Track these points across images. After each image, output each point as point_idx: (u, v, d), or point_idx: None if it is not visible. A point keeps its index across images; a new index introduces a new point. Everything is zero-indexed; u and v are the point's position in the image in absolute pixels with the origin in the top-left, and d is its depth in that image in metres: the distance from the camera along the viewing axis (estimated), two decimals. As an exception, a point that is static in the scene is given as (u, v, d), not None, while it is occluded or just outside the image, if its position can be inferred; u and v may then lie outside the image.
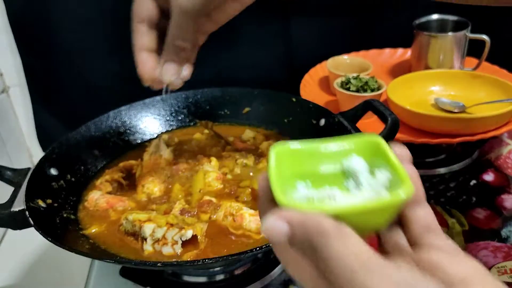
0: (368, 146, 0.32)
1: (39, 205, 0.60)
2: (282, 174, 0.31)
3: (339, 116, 0.69)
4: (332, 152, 0.33)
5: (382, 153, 0.31)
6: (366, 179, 0.31)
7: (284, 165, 0.32)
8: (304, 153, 0.33)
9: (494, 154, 0.86)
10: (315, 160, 0.33)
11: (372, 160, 0.32)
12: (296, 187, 0.31)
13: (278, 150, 0.32)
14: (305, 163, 0.33)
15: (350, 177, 0.32)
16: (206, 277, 0.63)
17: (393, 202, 0.28)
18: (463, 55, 0.92)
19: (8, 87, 0.92)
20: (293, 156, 0.32)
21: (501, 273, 0.62)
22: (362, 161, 0.32)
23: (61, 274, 0.70)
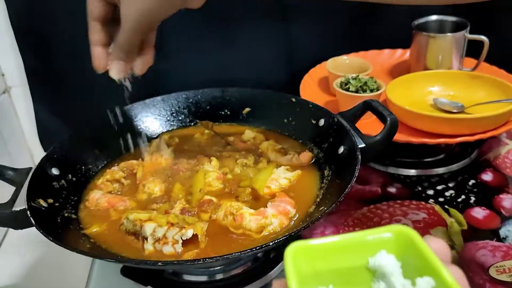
0: (400, 241, 0.27)
1: (41, 204, 0.60)
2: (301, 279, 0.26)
3: (339, 116, 0.70)
4: (356, 248, 0.28)
5: (418, 251, 0.26)
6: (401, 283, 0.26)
7: (302, 267, 0.27)
8: (325, 250, 0.28)
9: (492, 154, 0.86)
10: (336, 258, 0.28)
11: (405, 259, 0.27)
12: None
13: (295, 250, 0.27)
14: (326, 263, 0.28)
15: (380, 279, 0.27)
16: (206, 276, 0.64)
17: None
18: (462, 56, 0.93)
19: (9, 87, 0.92)
20: (312, 255, 0.28)
21: (499, 272, 0.62)
22: (393, 259, 0.27)
23: (62, 273, 0.71)
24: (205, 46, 0.96)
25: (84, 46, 0.89)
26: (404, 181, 0.81)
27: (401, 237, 0.27)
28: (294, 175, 0.68)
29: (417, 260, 0.26)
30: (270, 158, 0.73)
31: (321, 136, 0.73)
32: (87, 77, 0.92)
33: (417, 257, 0.26)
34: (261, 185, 0.65)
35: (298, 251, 0.27)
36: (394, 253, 0.27)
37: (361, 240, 0.28)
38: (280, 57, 0.99)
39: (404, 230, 0.27)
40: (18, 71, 0.90)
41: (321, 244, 0.28)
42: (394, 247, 0.27)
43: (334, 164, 0.67)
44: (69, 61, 0.90)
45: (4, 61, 0.90)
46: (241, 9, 0.91)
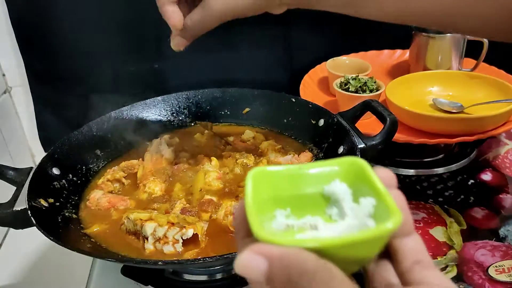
0: (351, 170, 0.30)
1: (41, 204, 0.60)
2: (260, 201, 0.28)
3: (338, 116, 0.70)
4: (313, 177, 0.30)
5: (366, 177, 0.29)
6: (350, 206, 0.28)
7: (262, 191, 0.29)
8: (284, 177, 0.30)
9: (492, 154, 0.86)
10: (295, 186, 0.30)
11: (356, 186, 0.29)
12: (275, 216, 0.29)
13: (255, 174, 0.29)
14: (285, 189, 0.30)
15: (333, 204, 0.30)
16: (206, 276, 0.64)
17: (380, 234, 0.25)
18: (461, 56, 0.93)
19: (10, 87, 0.92)
20: (272, 181, 0.30)
21: (499, 272, 0.62)
22: (345, 186, 0.29)
23: (63, 273, 0.71)
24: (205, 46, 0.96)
25: (85, 46, 0.90)
26: (403, 181, 0.82)
27: (353, 167, 0.30)
28: (294, 175, 0.68)
29: (365, 186, 0.28)
30: (270, 158, 0.73)
31: (320, 136, 0.73)
32: (87, 77, 0.93)
33: (365, 184, 0.29)
34: (261, 185, 0.65)
35: (259, 176, 0.29)
36: (347, 181, 0.30)
37: (317, 170, 0.30)
38: (280, 57, 1.00)
39: (355, 160, 0.30)
40: (19, 71, 0.90)
41: (281, 170, 0.30)
42: (347, 176, 0.30)
43: (334, 164, 0.67)
44: (70, 61, 0.90)
45: (4, 61, 0.90)
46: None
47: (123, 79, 0.94)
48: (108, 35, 0.90)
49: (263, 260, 0.24)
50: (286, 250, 0.24)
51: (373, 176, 0.28)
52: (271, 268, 0.24)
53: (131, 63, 0.94)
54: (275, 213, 0.29)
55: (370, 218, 0.27)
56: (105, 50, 0.91)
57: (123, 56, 0.92)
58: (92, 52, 0.90)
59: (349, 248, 0.25)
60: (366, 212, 0.27)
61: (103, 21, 0.88)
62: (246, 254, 0.24)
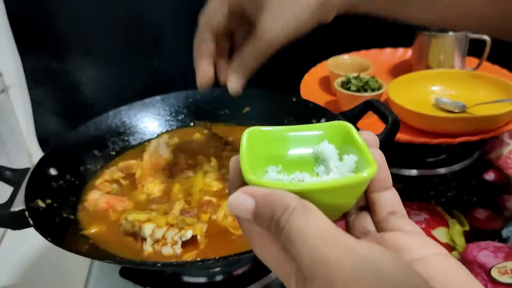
0: (339, 133, 0.33)
1: (39, 205, 0.59)
2: (254, 157, 0.31)
3: (340, 116, 0.69)
4: (304, 138, 0.33)
5: (351, 139, 0.32)
6: (335, 164, 0.31)
7: (256, 148, 0.32)
8: (276, 137, 0.33)
9: (495, 154, 0.86)
10: (286, 145, 0.33)
11: (342, 146, 0.32)
12: (267, 171, 0.32)
13: (250, 132, 0.33)
14: (277, 148, 0.33)
15: (321, 163, 0.33)
16: (206, 278, 0.63)
17: (357, 180, 0.28)
18: (464, 55, 0.92)
19: (7, 87, 0.92)
20: (265, 140, 0.33)
21: (501, 273, 0.62)
22: (332, 147, 0.32)
23: (61, 274, 0.70)
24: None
25: (83, 46, 0.89)
26: (405, 181, 0.81)
27: (341, 129, 0.33)
28: (294, 175, 0.67)
29: (350, 146, 0.32)
30: (270, 158, 0.72)
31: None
32: (85, 76, 0.92)
33: (350, 144, 0.32)
34: (261, 186, 0.65)
35: (254, 135, 0.33)
36: (334, 143, 0.33)
37: (308, 131, 0.34)
38: (280, 57, 0.99)
39: (343, 124, 0.33)
40: (16, 71, 0.90)
41: (274, 130, 0.34)
42: (335, 138, 0.33)
43: (335, 164, 0.67)
44: (68, 60, 0.90)
45: (2, 61, 0.89)
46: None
47: (122, 79, 0.94)
48: (107, 35, 0.89)
49: (251, 199, 0.27)
50: (271, 190, 0.27)
51: (357, 136, 0.31)
52: (257, 205, 0.27)
53: (130, 63, 0.93)
54: (267, 169, 0.32)
55: (351, 172, 0.30)
56: (104, 50, 0.91)
57: (122, 56, 0.92)
58: (91, 51, 0.90)
59: (329, 193, 0.28)
60: (348, 167, 0.31)
61: (102, 20, 0.88)
62: (237, 194, 0.28)
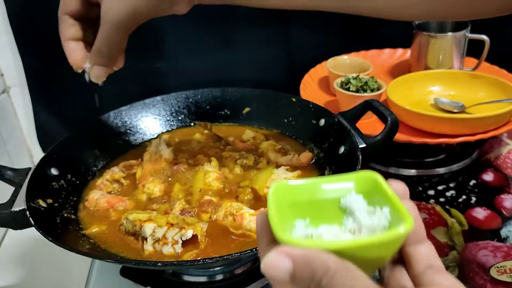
0: (366, 183, 0.32)
1: (40, 205, 0.60)
2: (281, 212, 0.30)
3: (339, 116, 0.70)
4: (330, 190, 0.33)
5: (381, 190, 0.31)
6: (365, 216, 0.31)
7: (283, 203, 0.31)
8: (303, 190, 0.33)
9: (493, 154, 0.86)
10: (313, 198, 0.33)
11: (371, 198, 0.32)
12: (295, 226, 0.31)
13: (277, 188, 0.32)
14: (304, 201, 0.32)
15: (349, 215, 0.32)
16: (206, 277, 0.63)
17: (394, 237, 0.28)
18: (463, 55, 0.93)
19: (8, 87, 0.92)
20: (291, 194, 0.32)
21: (500, 272, 0.62)
22: (360, 198, 0.32)
23: (62, 273, 0.71)
24: (205, 46, 0.95)
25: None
26: (404, 181, 0.81)
27: (368, 180, 0.32)
28: (294, 175, 0.68)
29: (379, 197, 0.31)
30: (270, 158, 0.73)
31: (321, 136, 0.72)
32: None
33: (380, 195, 0.31)
34: (261, 185, 0.65)
35: (281, 190, 0.32)
36: (362, 193, 0.32)
37: (334, 183, 0.33)
38: (280, 57, 0.99)
39: (370, 174, 0.32)
40: (17, 71, 0.90)
41: (299, 184, 0.33)
42: (362, 188, 0.32)
43: (335, 164, 0.67)
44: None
45: (3, 61, 0.89)
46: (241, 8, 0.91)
47: (122, 79, 0.94)
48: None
49: (288, 260, 0.26)
50: (309, 251, 0.26)
51: (387, 188, 0.31)
52: (295, 267, 0.26)
53: (131, 63, 0.93)
54: (295, 223, 0.31)
55: (384, 226, 0.29)
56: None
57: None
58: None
59: (366, 250, 0.27)
60: (381, 220, 0.30)
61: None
62: (272, 254, 0.26)
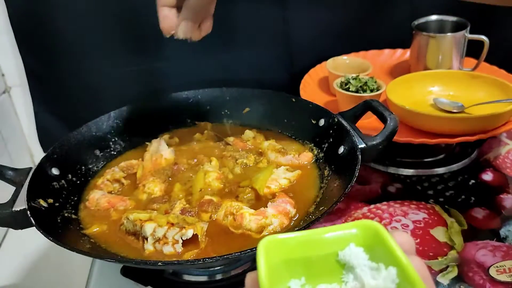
0: (367, 235, 0.29)
1: (41, 204, 0.60)
2: (273, 272, 0.27)
3: (339, 116, 0.70)
4: (326, 242, 0.29)
5: (384, 244, 0.28)
6: (368, 274, 0.28)
7: (275, 260, 0.28)
8: (296, 244, 0.29)
9: (493, 154, 0.86)
10: (308, 252, 0.29)
11: (373, 251, 0.28)
12: (290, 286, 0.28)
13: (267, 244, 0.28)
14: (298, 256, 0.29)
15: (349, 271, 0.29)
16: (206, 276, 0.64)
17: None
18: (462, 56, 0.93)
19: (9, 87, 0.92)
20: (283, 249, 0.29)
21: (500, 272, 0.62)
22: (361, 252, 0.29)
23: (62, 273, 0.71)
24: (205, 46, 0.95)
25: (84, 46, 0.90)
26: (404, 181, 0.81)
27: (368, 231, 0.29)
28: (294, 175, 0.68)
29: (383, 252, 0.27)
30: (270, 158, 0.73)
31: (321, 136, 0.73)
32: (86, 77, 0.92)
33: (383, 249, 0.28)
34: (261, 185, 0.65)
35: (271, 245, 0.29)
36: (362, 245, 0.29)
37: (330, 235, 0.29)
38: (280, 57, 0.99)
39: (370, 224, 0.29)
40: (18, 71, 0.90)
41: (292, 237, 0.29)
42: (362, 240, 0.29)
43: (334, 164, 0.67)
44: (69, 61, 0.90)
45: (4, 61, 0.90)
46: (241, 8, 0.91)
47: (122, 79, 0.94)
48: (108, 35, 0.89)
49: None
50: None
51: (391, 241, 0.28)
52: None
53: (131, 63, 0.94)
54: (289, 284, 0.28)
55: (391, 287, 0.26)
56: (105, 50, 0.91)
57: (123, 56, 0.92)
58: (92, 52, 0.90)
59: None
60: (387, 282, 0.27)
61: (102, 21, 0.88)
62: None
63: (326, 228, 0.30)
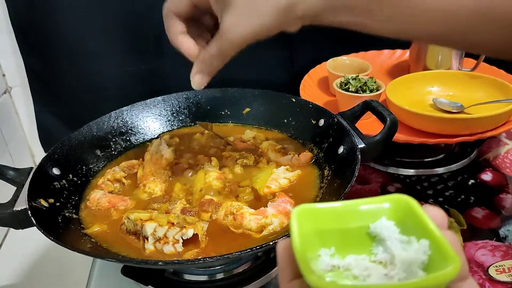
0: (399, 209, 0.29)
1: (41, 204, 0.60)
2: (305, 240, 0.28)
3: (339, 116, 0.70)
4: (358, 214, 0.29)
5: (416, 217, 0.27)
6: (398, 246, 0.27)
7: (307, 228, 0.28)
8: (328, 214, 0.29)
9: (492, 154, 0.86)
10: (340, 223, 0.29)
11: (404, 225, 0.28)
12: (320, 255, 0.28)
13: (300, 212, 0.29)
14: (329, 227, 0.29)
15: (379, 243, 0.28)
16: (207, 276, 0.64)
17: (440, 280, 0.24)
18: (462, 56, 0.93)
19: (10, 87, 0.92)
20: (316, 219, 0.29)
21: (499, 272, 0.62)
22: (392, 225, 0.28)
23: (63, 273, 0.71)
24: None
25: (84, 46, 0.90)
26: (403, 181, 0.82)
27: (401, 204, 0.29)
28: (294, 175, 0.68)
29: (415, 225, 0.27)
30: (270, 158, 0.73)
31: (321, 136, 0.73)
32: (87, 77, 0.93)
33: (415, 223, 0.27)
34: (261, 185, 0.66)
35: (304, 214, 0.29)
36: (394, 219, 0.29)
37: (363, 207, 0.29)
38: (280, 57, 1.00)
39: (403, 198, 0.29)
40: (19, 72, 0.90)
41: (325, 208, 0.29)
42: (394, 214, 0.29)
43: (334, 164, 0.67)
44: (70, 61, 0.90)
45: (4, 61, 0.90)
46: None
47: (123, 79, 0.94)
48: (108, 35, 0.90)
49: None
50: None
51: (423, 215, 0.27)
52: None
53: (131, 63, 0.94)
54: (319, 252, 0.28)
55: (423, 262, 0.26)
56: (105, 50, 0.91)
57: (123, 56, 0.92)
58: (92, 52, 0.90)
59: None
60: (418, 253, 0.26)
61: (103, 21, 0.88)
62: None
63: (359, 200, 0.30)
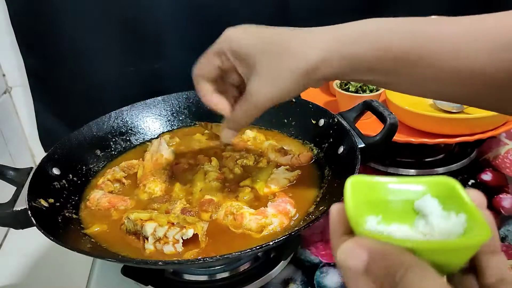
0: (443, 189, 0.32)
1: (41, 204, 0.60)
2: (356, 205, 0.31)
3: (339, 116, 0.70)
4: (406, 190, 0.33)
5: (458, 196, 0.31)
6: (439, 221, 0.30)
7: (359, 196, 0.32)
8: (379, 187, 0.33)
9: (492, 154, 0.86)
10: (388, 196, 0.33)
11: (446, 203, 0.31)
12: (366, 221, 0.31)
13: (354, 181, 0.32)
14: (378, 198, 0.32)
15: (422, 217, 0.31)
16: (207, 276, 0.64)
17: (470, 244, 0.28)
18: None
19: (10, 87, 0.93)
20: (367, 189, 0.32)
21: (499, 272, 0.62)
22: (435, 202, 0.31)
23: (63, 273, 0.71)
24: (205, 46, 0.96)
25: (85, 46, 0.90)
26: (403, 181, 0.82)
27: (445, 185, 0.32)
28: (294, 175, 0.68)
29: (456, 203, 0.30)
30: (270, 158, 0.73)
31: (321, 136, 0.73)
32: (87, 77, 0.93)
33: (456, 201, 0.31)
34: (261, 185, 0.66)
35: (357, 183, 0.32)
36: (438, 197, 0.32)
37: (411, 186, 0.33)
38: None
39: (448, 180, 0.32)
40: (19, 72, 0.90)
41: (377, 181, 0.33)
42: (438, 192, 0.32)
43: (334, 164, 0.67)
44: (70, 61, 0.90)
45: (5, 61, 0.90)
46: (242, 8, 0.91)
47: (123, 79, 0.94)
48: (108, 35, 0.90)
49: (364, 252, 0.27)
50: (386, 245, 0.27)
51: (465, 195, 0.30)
52: (370, 259, 0.27)
53: (131, 63, 0.94)
54: (367, 218, 0.31)
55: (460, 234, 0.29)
56: (106, 50, 0.91)
57: (123, 56, 0.92)
58: (92, 52, 0.90)
59: (441, 253, 0.28)
60: (456, 226, 0.29)
61: (103, 21, 0.88)
62: (349, 244, 0.28)
63: (408, 178, 0.33)
